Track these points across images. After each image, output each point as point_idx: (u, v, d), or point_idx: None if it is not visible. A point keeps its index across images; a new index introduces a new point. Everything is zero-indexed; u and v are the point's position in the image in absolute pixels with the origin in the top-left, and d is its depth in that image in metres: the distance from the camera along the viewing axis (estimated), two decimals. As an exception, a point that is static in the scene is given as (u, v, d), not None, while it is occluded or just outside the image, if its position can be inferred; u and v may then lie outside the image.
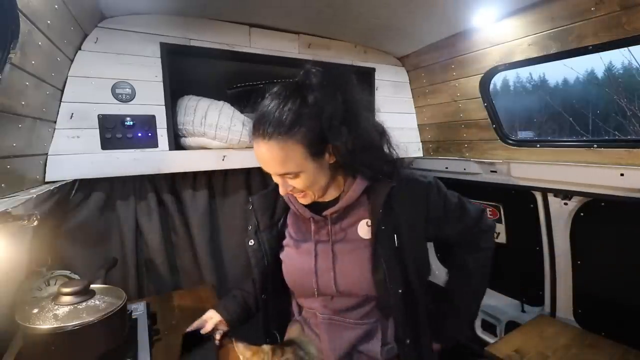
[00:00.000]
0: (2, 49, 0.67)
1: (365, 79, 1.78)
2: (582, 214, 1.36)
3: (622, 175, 1.13)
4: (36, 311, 0.76)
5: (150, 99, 1.26)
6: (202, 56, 1.43)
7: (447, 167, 1.80)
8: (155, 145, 1.27)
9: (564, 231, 1.41)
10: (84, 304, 0.80)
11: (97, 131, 1.18)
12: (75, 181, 1.21)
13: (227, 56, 1.41)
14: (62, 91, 1.11)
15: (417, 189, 0.91)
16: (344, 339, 0.93)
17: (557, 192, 1.39)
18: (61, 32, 0.97)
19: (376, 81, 1.79)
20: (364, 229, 0.90)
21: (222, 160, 1.39)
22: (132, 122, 1.22)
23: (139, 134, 1.24)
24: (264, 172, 0.84)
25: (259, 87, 1.48)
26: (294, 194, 0.88)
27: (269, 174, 0.84)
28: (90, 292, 0.83)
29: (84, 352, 0.77)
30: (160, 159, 1.28)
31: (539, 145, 1.43)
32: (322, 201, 0.92)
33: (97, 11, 1.13)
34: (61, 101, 1.11)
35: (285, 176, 0.82)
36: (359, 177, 0.88)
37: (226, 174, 1.59)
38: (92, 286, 0.87)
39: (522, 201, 1.56)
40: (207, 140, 1.37)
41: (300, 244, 0.96)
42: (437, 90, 1.76)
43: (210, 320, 1.02)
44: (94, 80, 1.16)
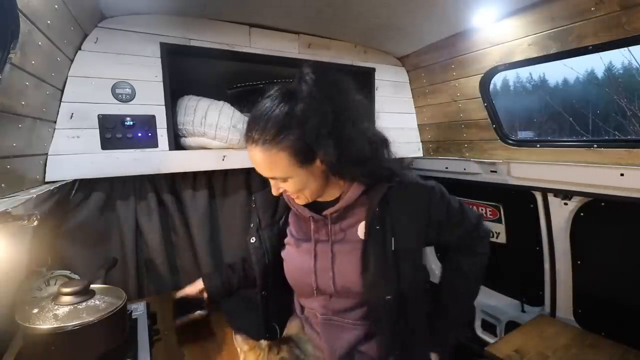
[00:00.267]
0: (2, 49, 0.67)
1: (365, 79, 1.78)
2: (582, 214, 1.36)
3: (622, 175, 1.13)
4: (36, 311, 0.76)
5: (150, 99, 1.26)
6: (202, 56, 1.43)
7: (447, 167, 1.80)
8: (155, 145, 1.27)
9: (564, 231, 1.41)
10: (84, 304, 0.80)
11: (97, 131, 1.18)
12: (75, 181, 1.21)
13: (227, 56, 1.41)
14: (62, 91, 1.11)
15: (418, 192, 0.90)
16: (343, 339, 0.92)
17: (557, 192, 1.39)
18: (61, 32, 0.97)
19: (376, 81, 1.79)
20: (364, 230, 0.89)
21: (222, 160, 1.39)
22: (132, 122, 1.22)
23: (139, 134, 1.24)
24: (264, 173, 0.84)
25: (259, 87, 1.48)
26: (287, 195, 0.88)
27: None
28: (90, 292, 0.83)
29: (84, 352, 0.77)
30: (160, 159, 1.28)
31: (539, 145, 1.43)
32: (323, 200, 0.92)
33: (97, 11, 1.13)
34: (61, 101, 1.11)
35: (275, 179, 0.83)
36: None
37: (226, 174, 1.59)
38: (92, 286, 0.87)
39: (522, 201, 1.56)
40: (207, 140, 1.37)
41: (300, 243, 0.96)
42: (437, 90, 1.76)
43: (196, 288, 1.16)
44: (94, 80, 1.16)
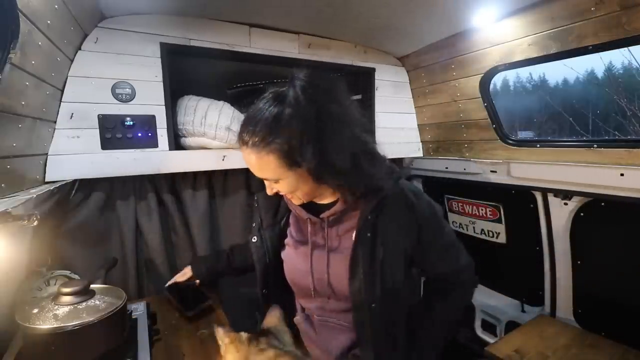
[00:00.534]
0: (2, 49, 0.67)
1: (365, 79, 1.78)
2: (582, 214, 1.36)
3: (622, 175, 1.13)
4: (36, 311, 0.76)
5: (150, 99, 1.26)
6: (202, 56, 1.43)
7: (447, 167, 1.80)
8: (155, 145, 1.27)
9: (564, 231, 1.41)
10: (84, 304, 0.80)
11: (97, 131, 1.18)
12: (75, 181, 1.21)
13: (227, 56, 1.41)
14: (62, 91, 1.11)
15: (412, 206, 0.88)
16: (339, 340, 0.93)
17: (557, 192, 1.39)
18: (61, 32, 0.97)
19: (376, 81, 1.79)
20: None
21: (222, 160, 1.39)
22: (132, 122, 1.22)
23: (139, 134, 1.24)
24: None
25: (259, 87, 1.48)
26: (281, 194, 0.88)
27: None
28: (90, 292, 0.83)
29: (84, 352, 0.77)
30: (160, 159, 1.28)
31: (539, 145, 1.43)
32: (321, 203, 0.92)
33: (97, 11, 1.13)
34: (61, 101, 1.11)
35: (267, 179, 0.84)
36: None
37: (226, 174, 1.59)
38: (92, 286, 0.87)
39: (522, 201, 1.55)
40: (207, 140, 1.37)
41: (298, 245, 0.96)
42: (437, 90, 1.76)
43: (185, 274, 1.27)
44: (94, 80, 1.16)
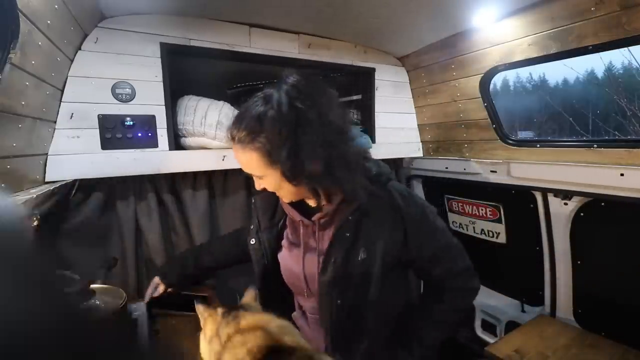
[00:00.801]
0: (2, 49, 0.67)
1: (365, 79, 1.78)
2: (582, 214, 1.36)
3: (622, 175, 1.13)
4: (36, 311, 0.76)
5: (150, 99, 1.26)
6: (202, 56, 1.43)
7: (447, 167, 1.80)
8: (155, 145, 1.27)
9: (564, 231, 1.41)
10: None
11: (97, 131, 1.18)
12: (75, 181, 1.21)
13: (227, 56, 1.41)
14: (62, 91, 1.11)
15: (397, 208, 0.88)
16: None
17: (557, 192, 1.39)
18: (61, 32, 0.97)
19: (376, 81, 1.79)
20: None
21: (222, 160, 1.39)
22: (132, 122, 1.22)
23: (139, 134, 1.24)
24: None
25: (259, 87, 1.46)
26: (269, 191, 0.90)
27: None
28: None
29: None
30: (160, 159, 1.28)
31: (539, 145, 1.43)
32: (314, 205, 0.92)
33: (97, 11, 1.13)
34: (61, 101, 1.11)
35: (253, 175, 0.86)
36: None
37: (226, 174, 1.58)
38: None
39: (522, 201, 1.55)
40: (207, 140, 1.37)
41: (293, 247, 0.98)
42: (437, 90, 1.76)
43: (157, 288, 1.23)
44: (94, 80, 1.16)
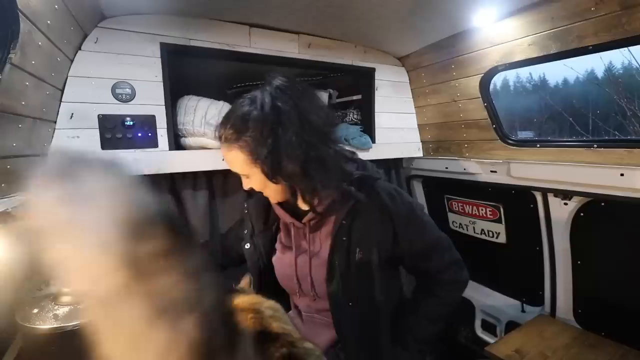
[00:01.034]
0: (2, 49, 0.67)
1: (365, 79, 1.78)
2: (582, 214, 1.36)
3: (622, 175, 1.13)
4: (36, 311, 0.76)
5: (150, 99, 1.26)
6: (202, 56, 1.43)
7: (447, 167, 1.80)
8: (155, 145, 1.27)
9: (564, 231, 1.41)
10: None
11: (97, 131, 1.17)
12: (75, 181, 1.21)
13: (227, 56, 1.41)
14: (62, 91, 1.11)
15: (387, 207, 0.88)
16: (325, 336, 0.95)
17: (557, 192, 1.39)
18: (61, 32, 0.97)
19: (376, 81, 1.79)
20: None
21: (222, 160, 1.38)
22: (132, 122, 1.22)
23: (139, 134, 1.24)
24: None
25: (259, 87, 1.48)
26: (260, 195, 0.91)
27: None
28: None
29: (84, 352, 0.77)
30: (160, 159, 1.28)
31: (539, 145, 1.43)
32: (305, 209, 0.92)
33: (97, 11, 1.13)
34: (61, 101, 1.11)
35: (239, 174, 0.87)
36: None
37: (226, 174, 1.58)
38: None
39: (522, 201, 1.55)
40: (207, 140, 1.37)
41: (286, 249, 0.99)
42: (437, 90, 1.76)
43: None
44: (94, 80, 1.16)
